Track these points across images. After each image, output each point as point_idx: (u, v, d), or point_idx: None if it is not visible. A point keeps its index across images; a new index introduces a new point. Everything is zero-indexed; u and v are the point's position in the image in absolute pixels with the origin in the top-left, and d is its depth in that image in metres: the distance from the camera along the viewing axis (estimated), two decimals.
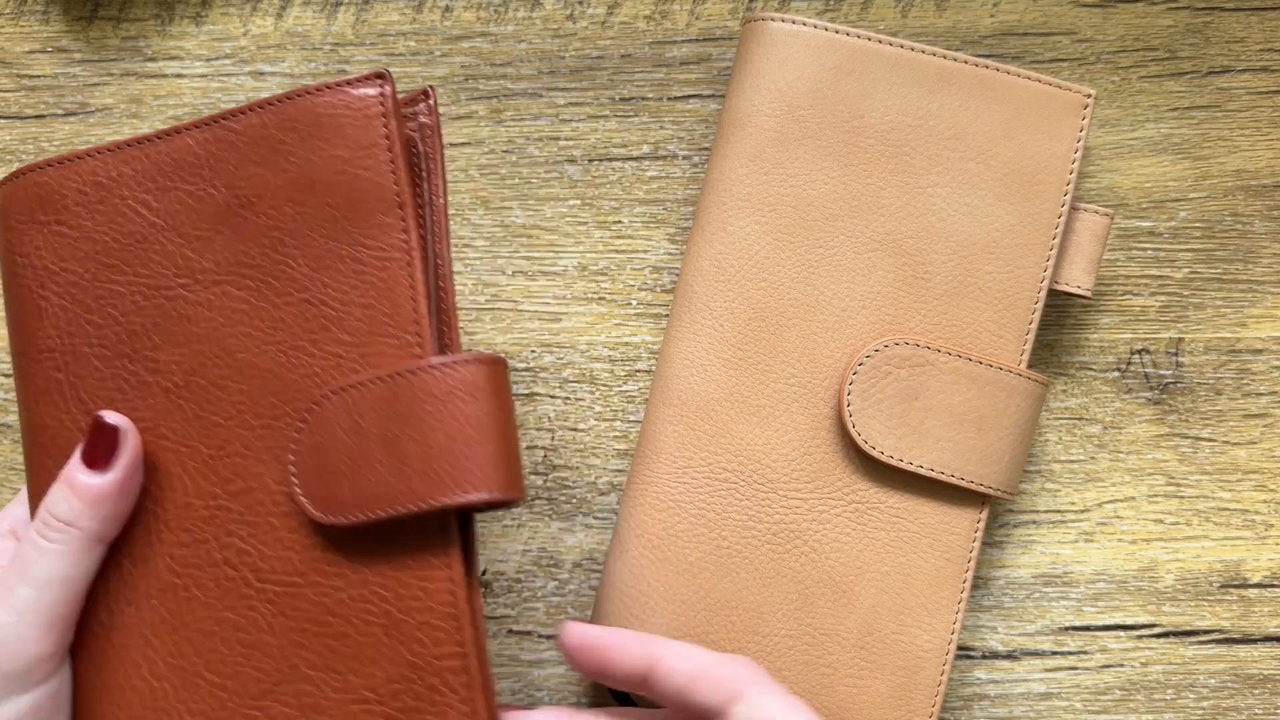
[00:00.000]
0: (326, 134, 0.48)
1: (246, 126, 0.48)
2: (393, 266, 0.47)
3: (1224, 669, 0.61)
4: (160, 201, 0.49)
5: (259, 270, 0.48)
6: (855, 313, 0.56)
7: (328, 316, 0.47)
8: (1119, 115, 0.62)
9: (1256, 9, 0.62)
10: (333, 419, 0.46)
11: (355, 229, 0.47)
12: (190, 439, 0.49)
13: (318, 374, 0.47)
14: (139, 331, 0.49)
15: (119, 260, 0.50)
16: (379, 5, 0.61)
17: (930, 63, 0.56)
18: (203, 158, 0.49)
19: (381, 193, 0.47)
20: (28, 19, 0.61)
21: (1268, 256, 0.62)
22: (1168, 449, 0.62)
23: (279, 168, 0.48)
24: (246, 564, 0.48)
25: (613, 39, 0.61)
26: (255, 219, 0.48)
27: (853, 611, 0.56)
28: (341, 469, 0.46)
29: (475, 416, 0.45)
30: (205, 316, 0.49)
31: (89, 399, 0.49)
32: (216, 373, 0.48)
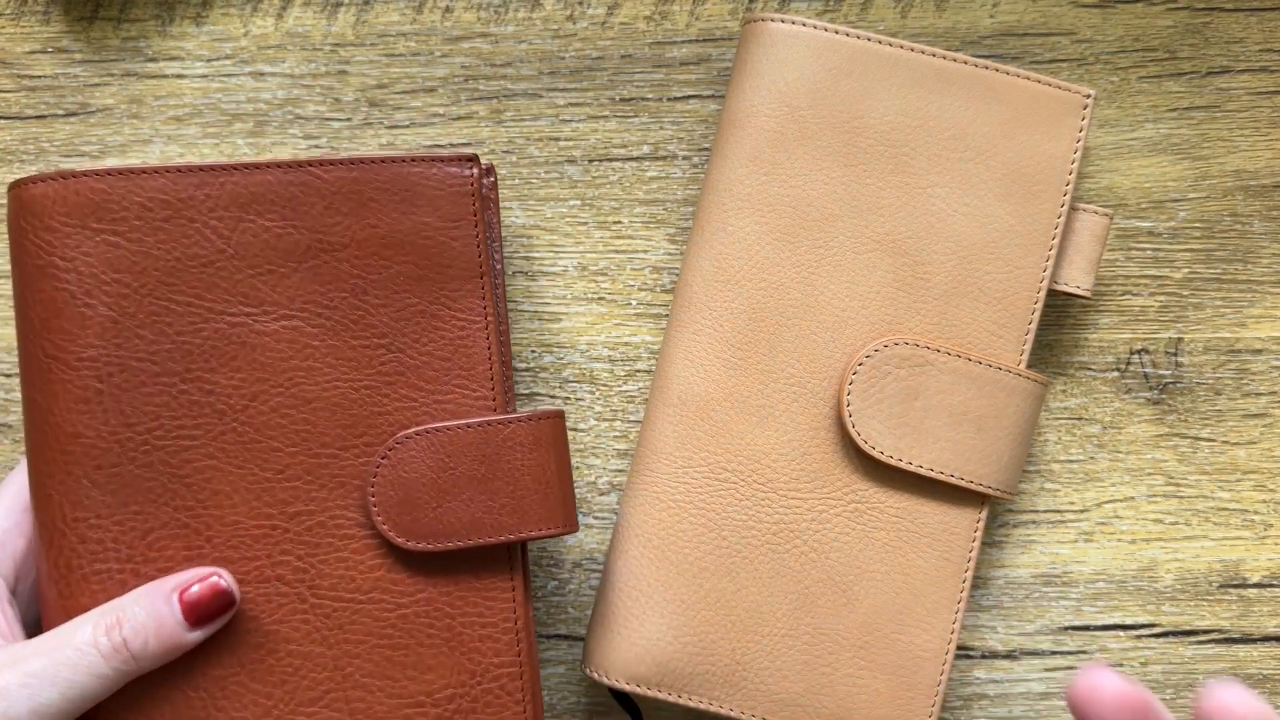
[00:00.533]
0: (420, 202, 0.52)
1: (336, 178, 0.52)
2: (471, 328, 0.53)
3: (1223, 669, 0.61)
4: (232, 230, 0.51)
5: (337, 312, 0.52)
6: (855, 313, 0.56)
7: (405, 364, 0.52)
8: (1118, 115, 0.62)
9: (1256, 9, 0.62)
10: (419, 456, 0.51)
11: (439, 289, 0.52)
12: (244, 461, 0.51)
13: (390, 413, 0.52)
14: (194, 352, 0.51)
15: (180, 280, 0.51)
16: (379, 6, 0.61)
17: (930, 63, 0.56)
18: (285, 198, 0.52)
19: (466, 261, 0.53)
20: (28, 19, 0.61)
21: (1267, 256, 0.62)
22: (1167, 449, 0.62)
23: (367, 222, 0.52)
24: (303, 581, 0.51)
25: (613, 40, 0.61)
26: (338, 265, 0.52)
27: (852, 611, 0.56)
28: (427, 501, 0.51)
29: (552, 463, 0.52)
30: (271, 346, 0.51)
31: (131, 412, 0.50)
32: (279, 400, 0.51)
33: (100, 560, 0.50)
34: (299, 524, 0.51)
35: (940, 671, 0.56)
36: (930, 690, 0.56)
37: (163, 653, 0.48)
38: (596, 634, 0.56)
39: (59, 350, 0.50)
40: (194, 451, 0.51)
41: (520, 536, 0.51)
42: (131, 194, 0.51)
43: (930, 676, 0.56)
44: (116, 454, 0.50)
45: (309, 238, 0.52)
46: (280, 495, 0.51)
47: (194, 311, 0.51)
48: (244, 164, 0.52)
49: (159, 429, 0.51)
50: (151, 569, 0.50)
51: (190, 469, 0.51)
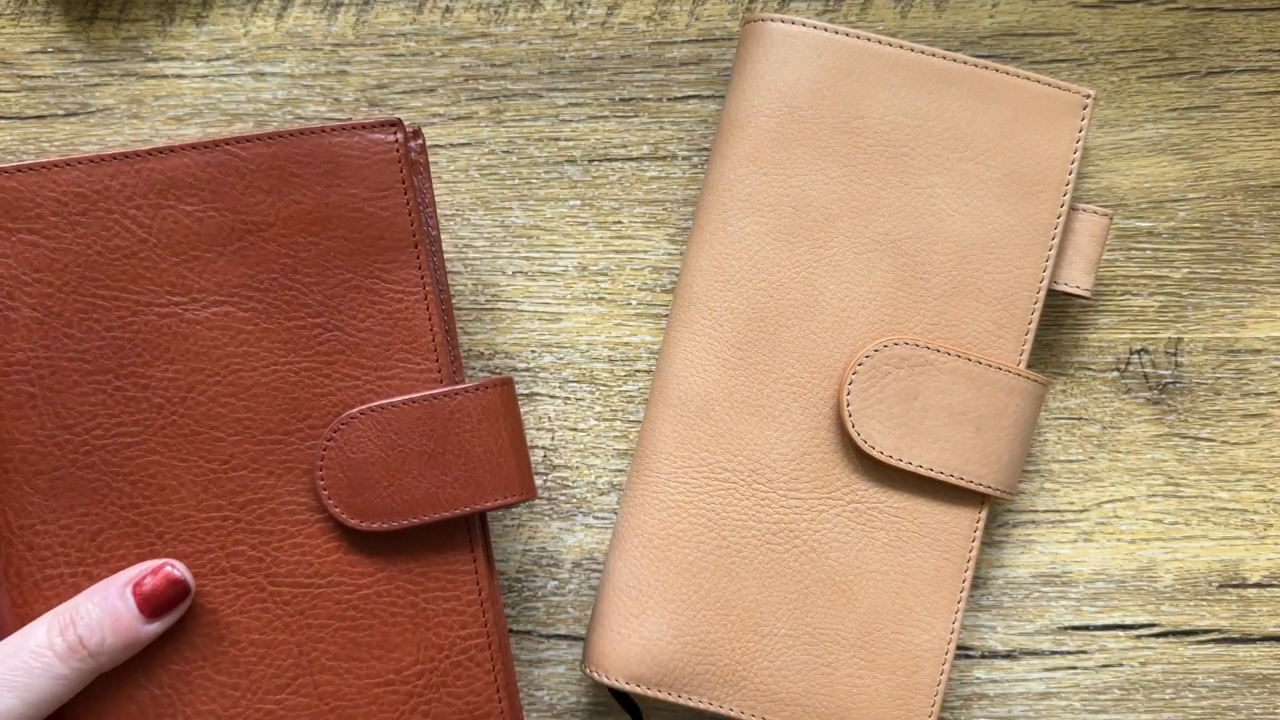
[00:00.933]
0: (344, 173, 0.51)
1: (254, 155, 0.50)
2: (409, 299, 0.52)
3: (1223, 668, 0.61)
4: (152, 219, 0.50)
5: (268, 294, 0.51)
6: (855, 313, 0.56)
7: (344, 342, 0.51)
8: (1118, 116, 0.62)
9: (1255, 9, 0.62)
10: (366, 436, 0.50)
11: (372, 262, 0.51)
12: (188, 454, 0.50)
13: (333, 394, 0.51)
14: (126, 347, 0.50)
15: (104, 275, 0.50)
16: (379, 6, 0.61)
17: (929, 63, 0.56)
18: (203, 180, 0.50)
19: (398, 231, 0.51)
20: (28, 19, 0.61)
21: (1266, 257, 0.62)
22: (1166, 449, 0.62)
23: (291, 199, 0.51)
24: (259, 570, 0.51)
25: (612, 40, 0.61)
26: (264, 245, 0.51)
27: (852, 611, 0.56)
28: (378, 480, 0.50)
29: (503, 431, 0.51)
30: (204, 335, 0.50)
31: (67, 414, 0.50)
32: (217, 389, 0.50)
33: (50, 566, 0.50)
34: (250, 513, 0.51)
35: (940, 671, 0.56)
36: (930, 690, 0.56)
37: (121, 648, 0.48)
38: (596, 633, 0.56)
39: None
40: (135, 448, 0.50)
41: (475, 508, 0.51)
42: (44, 189, 0.50)
43: (930, 676, 0.56)
44: (56, 457, 0.50)
45: (232, 219, 0.51)
46: (228, 485, 0.51)
47: (121, 305, 0.50)
48: (158, 148, 0.50)
49: (97, 428, 0.50)
50: (104, 570, 0.50)
51: (133, 466, 0.50)
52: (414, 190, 0.52)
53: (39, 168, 0.50)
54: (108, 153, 0.50)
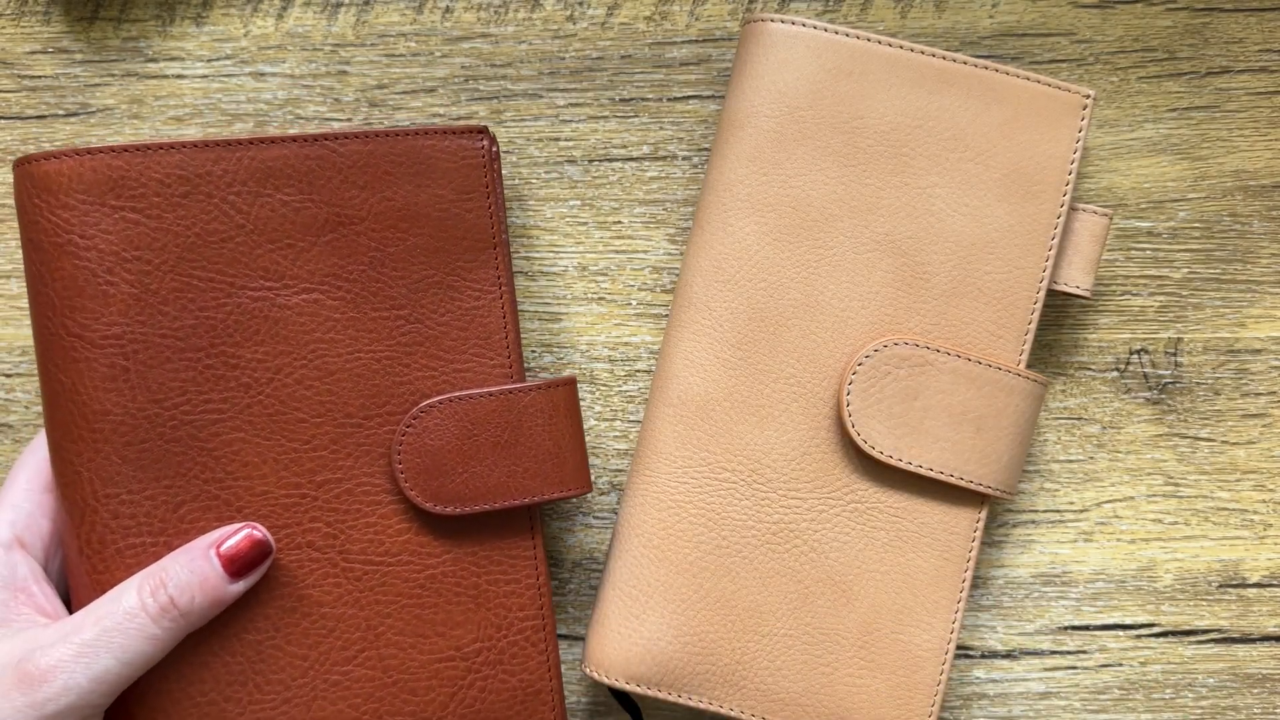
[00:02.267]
0: (434, 174, 0.54)
1: (351, 152, 0.53)
2: (486, 298, 0.54)
3: (1222, 668, 0.61)
4: (250, 205, 0.52)
5: (356, 285, 0.53)
6: (855, 313, 0.56)
7: (423, 334, 0.54)
8: (1118, 116, 0.62)
9: (1255, 10, 0.62)
10: (443, 424, 0.53)
11: (454, 261, 0.54)
12: (271, 432, 0.52)
13: (411, 383, 0.54)
14: (218, 327, 0.52)
15: (200, 256, 0.52)
16: (379, 6, 0.61)
17: (929, 63, 0.56)
18: (301, 172, 0.53)
19: (480, 233, 0.54)
20: (29, 19, 0.61)
21: (1266, 256, 0.62)
22: (1166, 449, 0.62)
23: (383, 195, 0.53)
24: (334, 547, 0.53)
25: (612, 40, 0.61)
26: (355, 238, 0.53)
27: (852, 611, 0.56)
28: (454, 467, 0.53)
29: (569, 428, 0.54)
30: (294, 320, 0.53)
31: (158, 388, 0.51)
32: (303, 372, 0.53)
33: (134, 535, 0.51)
34: (327, 492, 0.53)
35: (940, 671, 0.56)
36: (930, 690, 0.56)
37: (208, 606, 0.50)
38: (596, 633, 0.56)
39: (82, 329, 0.51)
40: (221, 425, 0.52)
41: (541, 499, 0.54)
42: (149, 170, 0.51)
43: (930, 676, 0.56)
44: (145, 430, 0.51)
45: (327, 211, 0.53)
46: (308, 465, 0.53)
47: (216, 287, 0.52)
48: (260, 138, 0.52)
49: (186, 404, 0.51)
50: (184, 540, 0.51)
51: (218, 442, 0.52)
52: (496, 195, 0.55)
53: (145, 148, 0.51)
54: (211, 139, 0.52)
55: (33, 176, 0.51)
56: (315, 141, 0.53)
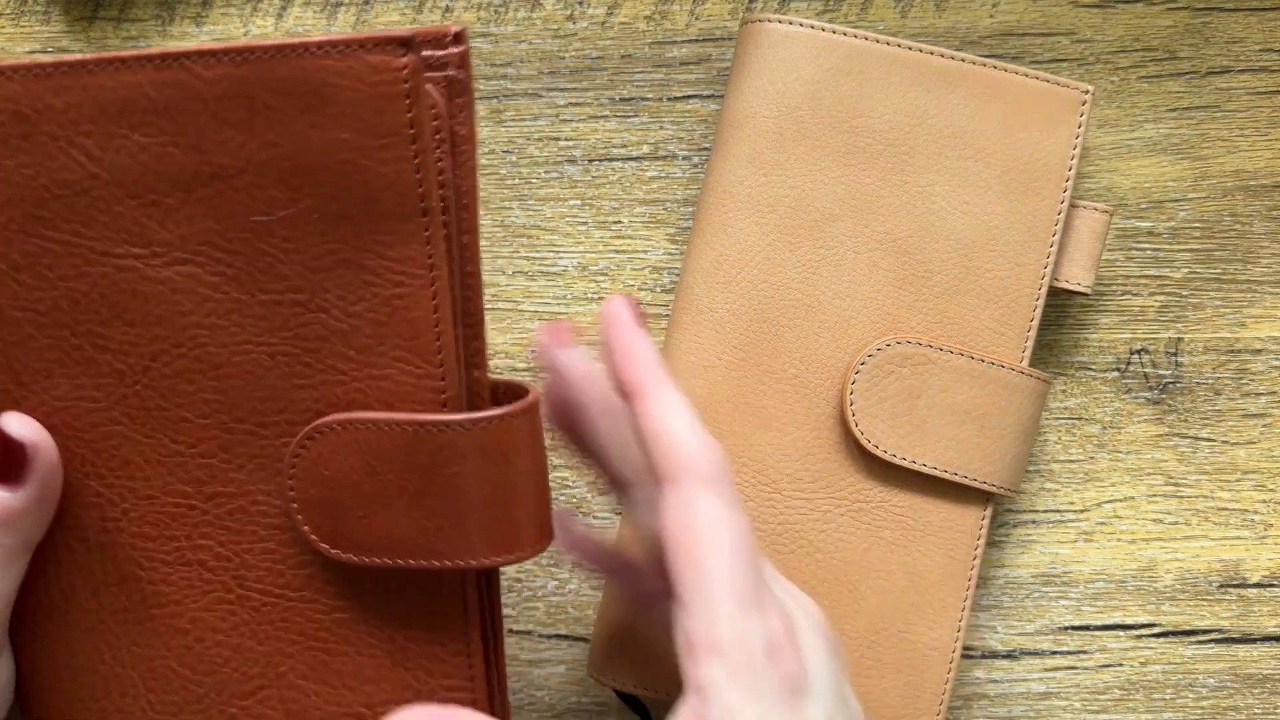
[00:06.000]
0: (329, 109, 0.39)
1: (218, 78, 0.39)
2: (412, 285, 0.41)
3: (1223, 669, 0.61)
4: (103, 150, 0.41)
5: (238, 257, 0.41)
6: (856, 312, 0.56)
7: (329, 326, 0.41)
8: (1118, 115, 0.62)
9: (1256, 9, 0.62)
10: (341, 453, 0.41)
11: (366, 233, 0.40)
12: (152, 430, 0.43)
13: (314, 387, 0.42)
14: (81, 301, 0.42)
15: (53, 213, 0.41)
16: (379, 6, 0.61)
17: (928, 61, 0.56)
18: (159, 105, 0.40)
19: (400, 195, 0.40)
20: (28, 19, 0.61)
21: (1267, 257, 0.62)
22: (1167, 449, 0.62)
23: (264, 139, 0.40)
24: (227, 569, 0.44)
25: (613, 39, 0.61)
26: (234, 195, 0.40)
27: (859, 611, 0.56)
28: (352, 507, 0.41)
29: (511, 477, 0.41)
30: (166, 297, 0.42)
31: (21, 369, 0.43)
32: (183, 363, 0.42)
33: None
34: (218, 506, 0.43)
35: (947, 670, 0.56)
36: (937, 689, 0.56)
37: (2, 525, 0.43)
38: (603, 637, 0.56)
39: None
40: (98, 415, 0.43)
41: (460, 564, 0.41)
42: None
43: (937, 675, 0.56)
44: None
45: (195, 159, 0.40)
46: (195, 473, 0.43)
47: (75, 252, 0.42)
48: (105, 58, 0.40)
49: (56, 389, 0.43)
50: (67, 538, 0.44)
51: (97, 434, 0.43)
52: (427, 138, 0.39)
53: None
54: (49, 60, 0.40)
55: None
56: (173, 63, 0.39)
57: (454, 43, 0.39)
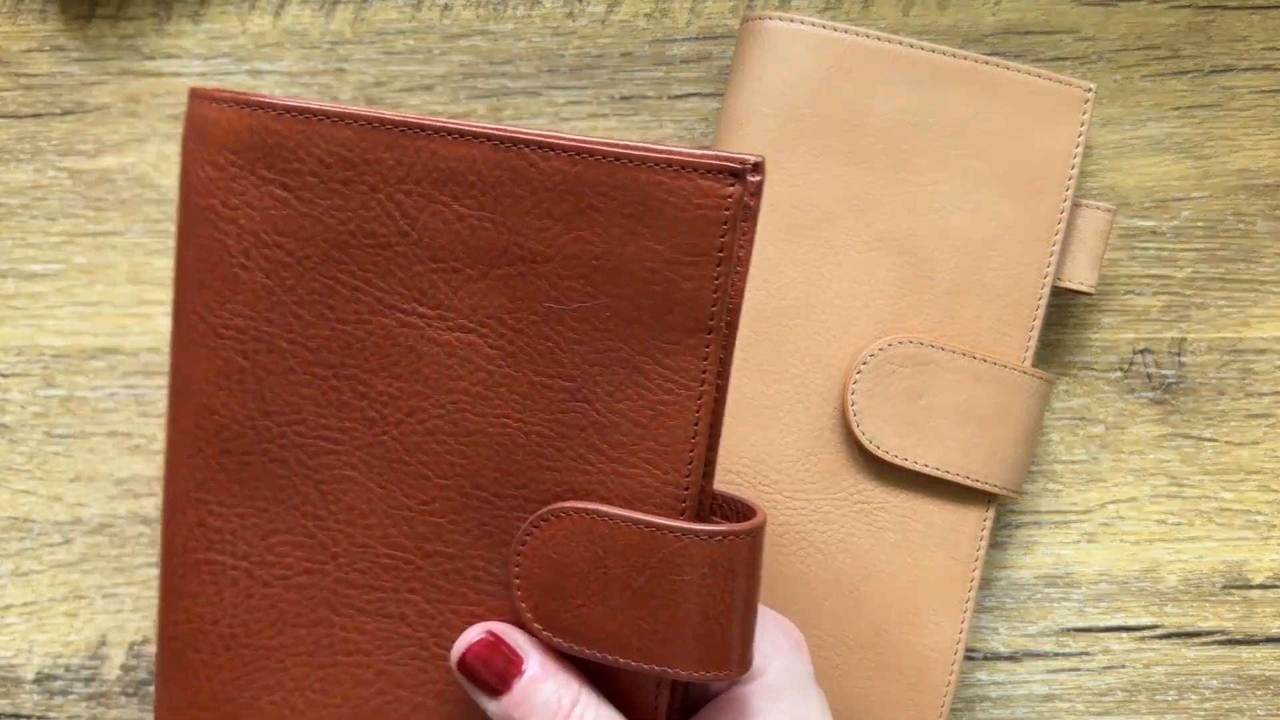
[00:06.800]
0: (652, 220, 0.41)
1: (554, 170, 0.41)
2: (680, 394, 0.42)
3: (1227, 670, 0.61)
4: (419, 210, 0.42)
5: (521, 336, 0.42)
6: (858, 312, 0.56)
7: (588, 417, 0.42)
8: (1121, 114, 0.61)
9: (1259, 7, 0.62)
10: (573, 539, 0.42)
11: (651, 338, 0.42)
12: (387, 481, 0.44)
13: (558, 471, 0.43)
14: (354, 346, 0.43)
15: (351, 259, 0.43)
16: (378, 3, 0.61)
17: (929, 60, 0.56)
18: (489, 181, 0.42)
19: (693, 309, 0.41)
20: (25, 17, 0.60)
21: (1270, 256, 0.62)
22: (1170, 449, 0.61)
23: (579, 234, 0.41)
24: (428, 628, 0.44)
25: (612, 37, 0.61)
26: (535, 280, 0.42)
27: (861, 613, 0.56)
28: (573, 593, 0.42)
29: (731, 594, 0.41)
30: (440, 359, 0.43)
31: (273, 399, 0.44)
32: (437, 422, 0.43)
33: (215, 550, 0.44)
34: (434, 565, 0.44)
35: (949, 672, 0.56)
36: (939, 691, 0.56)
37: None
38: None
39: (206, 311, 0.43)
40: (334, 458, 0.44)
41: (666, 672, 0.41)
42: (311, 143, 0.42)
43: (940, 677, 0.56)
44: (250, 440, 0.44)
45: (507, 239, 0.42)
46: (419, 528, 0.44)
47: (361, 299, 0.43)
48: (448, 128, 0.41)
49: (300, 425, 0.44)
50: (268, 574, 0.44)
51: (328, 475, 0.44)
52: (732, 264, 0.41)
53: (309, 113, 0.42)
54: (390, 115, 0.42)
55: (195, 117, 0.43)
56: (514, 146, 0.41)
57: (753, 172, 0.40)
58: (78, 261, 0.60)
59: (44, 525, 0.60)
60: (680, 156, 0.40)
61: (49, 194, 0.60)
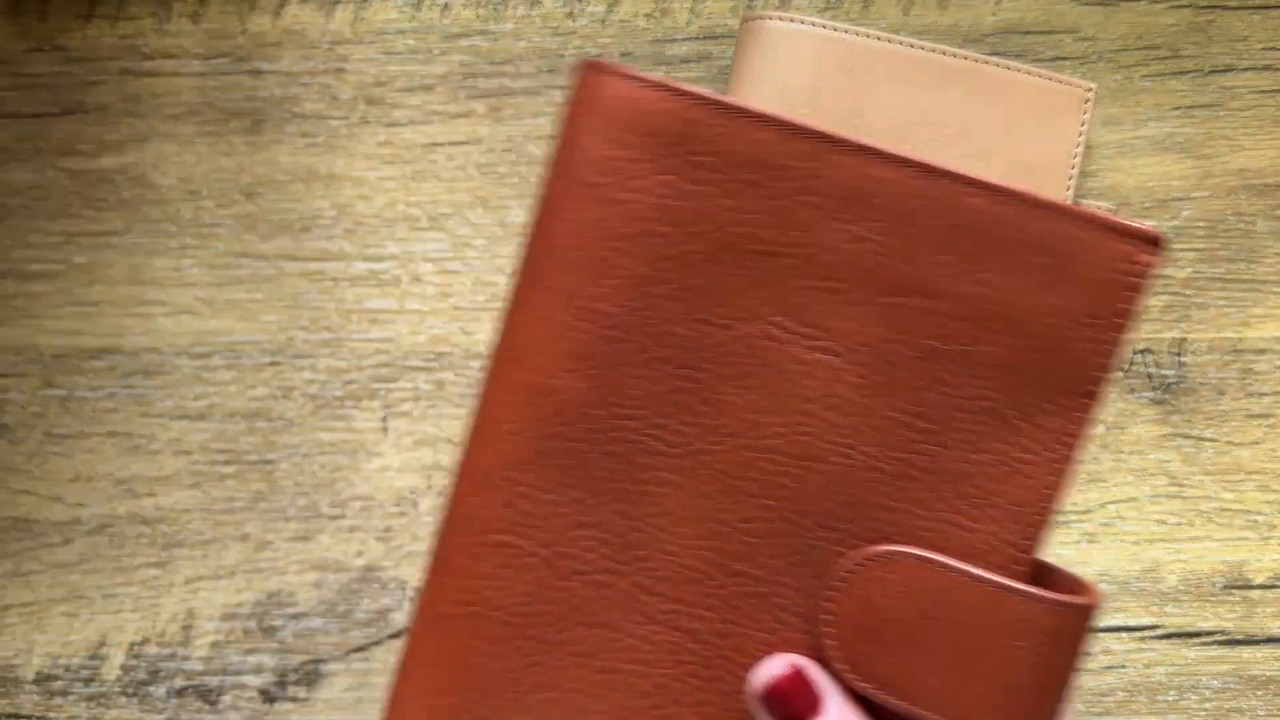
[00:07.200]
0: (1060, 274, 0.40)
1: (975, 207, 0.40)
2: (1043, 457, 0.41)
3: (1227, 670, 0.61)
4: (817, 226, 0.41)
5: (890, 369, 0.41)
6: None
7: (939, 463, 0.41)
8: (1122, 114, 0.61)
9: (1259, 7, 0.61)
10: (902, 585, 0.41)
11: (1028, 395, 0.41)
12: (708, 492, 0.42)
13: (893, 511, 0.41)
14: (710, 349, 0.42)
15: (733, 262, 0.41)
16: (377, 3, 0.61)
17: (930, 59, 0.56)
18: (898, 208, 0.41)
19: (1080, 373, 0.40)
20: (25, 16, 0.60)
21: (1271, 256, 0.62)
22: (1170, 449, 0.61)
23: (980, 276, 0.40)
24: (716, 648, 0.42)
25: (612, 37, 0.61)
26: (919, 314, 0.41)
27: None
28: (891, 641, 0.40)
29: (1061, 669, 0.40)
30: (797, 378, 0.41)
31: (615, 388, 0.42)
32: (775, 442, 0.42)
33: (518, 534, 0.42)
34: (738, 585, 0.42)
35: None
36: None
37: None
38: None
39: (570, 289, 0.42)
40: (661, 459, 0.42)
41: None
42: (727, 139, 0.41)
43: None
44: (581, 428, 0.42)
45: (901, 268, 0.41)
46: (730, 545, 0.42)
47: (733, 304, 0.41)
48: (873, 147, 0.40)
49: (638, 419, 0.42)
50: (567, 566, 0.42)
51: (650, 476, 0.42)
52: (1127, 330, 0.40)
53: (731, 110, 0.40)
54: (810, 124, 0.41)
55: (594, 91, 0.41)
56: (936, 176, 0.40)
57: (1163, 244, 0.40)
58: (77, 261, 0.60)
59: (44, 525, 0.60)
60: (1103, 218, 0.39)
61: (49, 194, 0.60)
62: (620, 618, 0.43)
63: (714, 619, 0.42)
